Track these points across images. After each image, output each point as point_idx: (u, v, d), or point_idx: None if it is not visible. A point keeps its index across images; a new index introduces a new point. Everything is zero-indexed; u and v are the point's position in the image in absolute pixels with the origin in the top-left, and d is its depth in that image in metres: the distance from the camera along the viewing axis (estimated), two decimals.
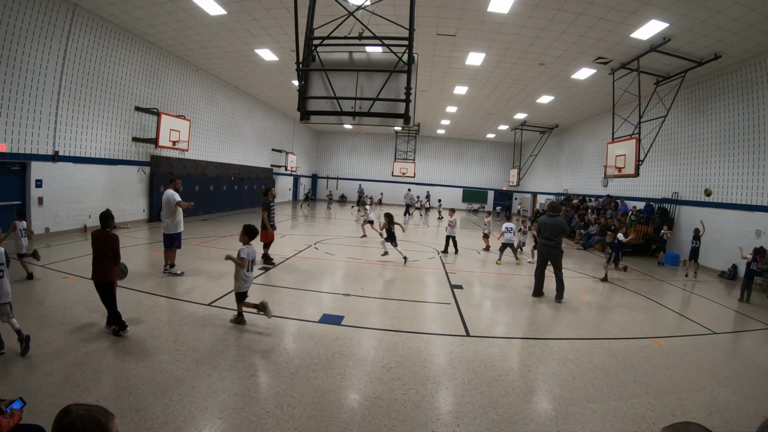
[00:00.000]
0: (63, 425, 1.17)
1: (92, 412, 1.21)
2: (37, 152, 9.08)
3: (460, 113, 20.92)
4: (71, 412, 1.20)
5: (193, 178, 15.17)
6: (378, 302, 6.31)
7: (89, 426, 1.17)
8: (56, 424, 1.18)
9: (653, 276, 10.08)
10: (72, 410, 1.20)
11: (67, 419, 1.18)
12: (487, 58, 11.97)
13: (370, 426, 3.03)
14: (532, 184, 27.01)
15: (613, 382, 3.95)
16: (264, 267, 7.98)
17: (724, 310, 7.31)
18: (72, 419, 1.17)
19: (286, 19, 9.81)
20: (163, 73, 13.16)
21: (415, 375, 3.89)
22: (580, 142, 20.34)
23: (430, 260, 10.03)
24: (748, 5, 7.52)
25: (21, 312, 4.75)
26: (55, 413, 1.23)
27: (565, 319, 6.05)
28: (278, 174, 24.22)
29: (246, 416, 3.03)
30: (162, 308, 5.32)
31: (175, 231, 7.02)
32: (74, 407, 1.21)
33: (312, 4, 5.80)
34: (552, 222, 6.88)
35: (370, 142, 32.06)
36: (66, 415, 1.19)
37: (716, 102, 11.22)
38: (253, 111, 20.56)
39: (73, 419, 1.17)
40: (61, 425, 1.17)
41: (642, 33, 9.18)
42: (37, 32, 8.70)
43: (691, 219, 11.88)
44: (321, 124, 23.66)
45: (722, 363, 4.74)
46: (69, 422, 1.17)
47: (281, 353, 4.21)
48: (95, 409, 1.23)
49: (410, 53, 5.37)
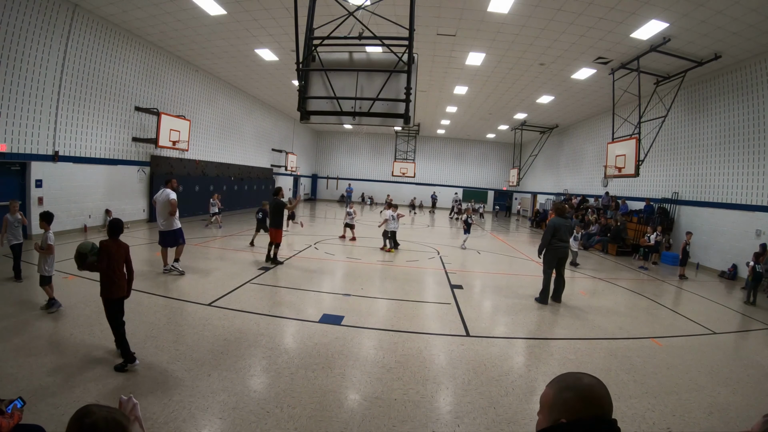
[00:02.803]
0: (85, 426, 1.12)
1: (115, 414, 1.18)
2: (37, 152, 9.08)
3: (460, 113, 20.92)
4: (94, 412, 1.15)
5: (193, 178, 15.16)
6: (378, 302, 6.31)
7: (112, 428, 1.13)
8: (77, 424, 1.14)
9: (653, 276, 10.08)
10: (94, 411, 1.16)
11: (90, 419, 1.13)
12: (487, 58, 11.97)
13: (370, 426, 3.03)
14: (532, 184, 27.01)
15: (613, 382, 3.95)
16: (264, 267, 7.99)
17: (725, 310, 7.31)
18: (95, 420, 1.13)
19: (286, 19, 9.81)
20: (163, 73, 13.16)
21: (415, 375, 3.89)
22: (580, 142, 20.34)
23: (430, 260, 10.03)
24: (748, 5, 7.51)
25: (22, 312, 4.75)
26: (55, 413, 1.21)
27: (565, 319, 6.05)
28: (278, 174, 24.21)
29: (246, 416, 3.03)
30: (162, 308, 5.31)
31: (178, 227, 7.17)
32: (95, 408, 1.17)
33: (312, 4, 5.80)
34: (567, 224, 6.89)
35: (370, 142, 32.05)
36: (89, 416, 1.14)
37: (716, 102, 11.22)
38: (253, 111, 20.56)
39: (96, 420, 1.13)
40: (83, 425, 1.13)
41: (642, 33, 9.18)
42: (37, 32, 8.70)
43: (692, 219, 11.89)
44: (321, 124, 23.64)
45: (722, 363, 4.74)
46: (92, 423, 1.13)
47: (281, 353, 4.21)
48: (117, 411, 1.19)
49: (410, 53, 5.37)
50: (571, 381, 1.11)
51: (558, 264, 6.77)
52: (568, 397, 1.08)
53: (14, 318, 4.58)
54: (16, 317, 4.62)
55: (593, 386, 1.09)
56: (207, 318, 4.99)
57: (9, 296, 5.33)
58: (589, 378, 1.12)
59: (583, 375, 1.13)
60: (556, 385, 1.13)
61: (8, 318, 4.55)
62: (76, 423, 1.14)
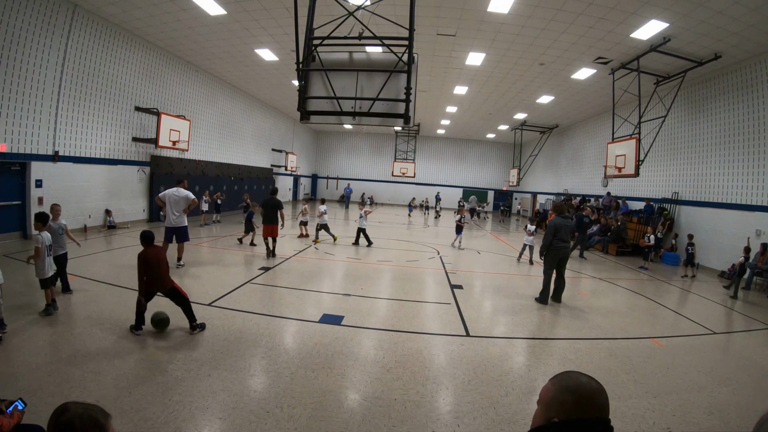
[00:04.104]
0: (61, 423, 1.14)
1: (91, 411, 1.18)
2: (37, 152, 9.08)
3: (460, 113, 20.92)
4: (70, 410, 1.16)
5: (193, 178, 15.13)
6: (378, 302, 6.31)
7: (87, 425, 1.14)
8: (53, 421, 1.15)
9: (653, 276, 10.08)
10: (70, 408, 1.17)
11: (65, 417, 1.14)
12: (487, 58, 11.97)
13: (370, 426, 3.03)
14: (532, 184, 27.01)
15: (613, 382, 3.95)
16: (264, 267, 7.99)
17: (724, 310, 7.31)
18: (70, 417, 1.14)
19: (286, 19, 9.81)
20: (163, 73, 13.16)
21: (415, 375, 3.89)
22: (580, 142, 20.34)
23: (430, 260, 10.03)
24: (748, 5, 7.51)
25: (21, 312, 4.75)
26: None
27: (566, 319, 6.05)
28: (278, 174, 24.22)
29: (246, 416, 3.03)
30: (161, 308, 5.30)
31: (186, 223, 7.71)
32: (72, 405, 1.18)
33: (312, 4, 5.80)
34: (568, 224, 6.89)
35: (370, 142, 32.05)
36: (64, 413, 1.16)
37: (716, 102, 11.22)
38: (253, 111, 20.56)
39: (71, 417, 1.14)
40: (59, 423, 1.14)
41: (642, 33, 9.17)
42: (37, 32, 8.70)
43: (692, 219, 11.89)
44: (321, 124, 23.67)
45: (722, 363, 4.74)
46: (67, 420, 1.14)
47: (281, 353, 4.21)
48: (93, 408, 1.20)
49: (410, 53, 5.37)
50: (573, 384, 1.11)
51: (559, 264, 6.77)
52: (565, 399, 1.08)
53: (15, 322, 4.58)
54: (22, 319, 4.62)
55: (593, 393, 1.09)
56: (207, 318, 4.98)
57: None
58: (592, 384, 1.10)
59: (588, 380, 1.11)
60: (557, 383, 1.13)
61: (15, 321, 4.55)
62: (54, 420, 1.16)
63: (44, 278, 4.71)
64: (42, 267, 4.69)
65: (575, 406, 1.06)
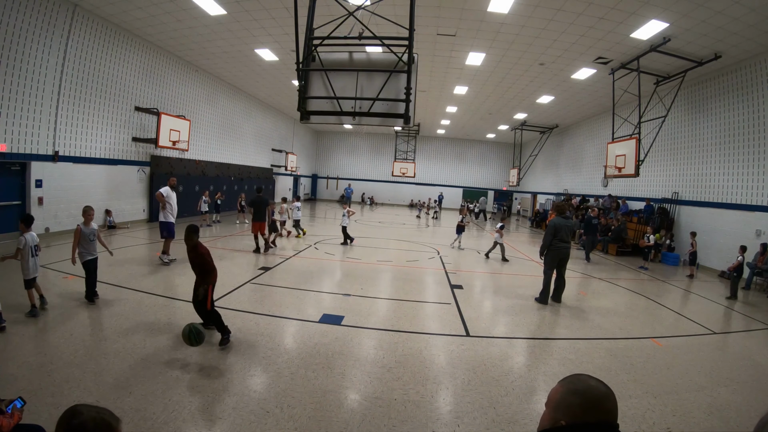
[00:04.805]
0: (73, 426, 1.11)
1: (103, 414, 1.16)
2: (37, 152, 9.08)
3: (460, 113, 20.92)
4: (82, 413, 1.14)
5: (193, 178, 15.16)
6: (378, 302, 6.31)
7: (101, 429, 1.12)
8: (64, 424, 1.12)
9: (653, 276, 10.08)
10: (82, 411, 1.14)
11: (77, 420, 1.12)
12: (487, 58, 11.97)
13: (370, 426, 3.03)
14: (532, 184, 27.01)
15: (613, 382, 3.92)
16: (264, 267, 7.99)
17: (724, 310, 7.31)
18: (83, 421, 1.12)
19: (286, 19, 9.81)
20: (163, 73, 13.16)
21: (415, 375, 3.89)
22: (580, 142, 20.34)
23: (430, 260, 10.03)
24: (748, 5, 7.51)
25: (21, 312, 4.75)
26: (55, 413, 1.21)
27: (566, 319, 6.05)
28: (278, 174, 24.21)
29: (246, 416, 3.03)
30: (162, 308, 5.31)
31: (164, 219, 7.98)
32: (84, 408, 1.16)
33: (312, 4, 5.80)
34: (568, 224, 6.88)
35: (370, 142, 32.05)
36: (76, 416, 1.13)
37: (716, 102, 11.22)
38: (253, 111, 20.56)
39: (84, 421, 1.12)
40: (71, 426, 1.12)
41: (642, 33, 9.18)
42: (37, 32, 8.70)
43: (692, 219, 11.89)
44: (321, 124, 23.65)
45: (722, 363, 4.74)
46: (80, 424, 1.11)
47: (281, 353, 4.21)
48: (105, 412, 1.18)
49: (410, 53, 5.37)
50: (581, 387, 1.10)
51: (559, 264, 6.76)
52: (573, 402, 1.07)
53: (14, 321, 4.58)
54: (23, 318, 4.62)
55: (601, 398, 1.08)
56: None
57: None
58: (600, 388, 1.09)
59: (597, 384, 1.10)
60: (566, 386, 1.12)
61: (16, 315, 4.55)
62: (65, 423, 1.13)
63: (27, 279, 4.69)
64: (26, 268, 4.67)
65: (582, 410, 1.06)
